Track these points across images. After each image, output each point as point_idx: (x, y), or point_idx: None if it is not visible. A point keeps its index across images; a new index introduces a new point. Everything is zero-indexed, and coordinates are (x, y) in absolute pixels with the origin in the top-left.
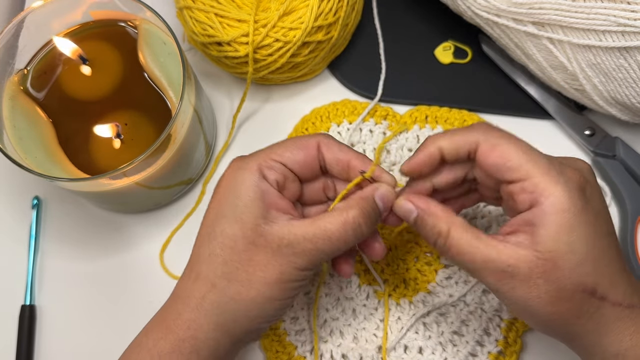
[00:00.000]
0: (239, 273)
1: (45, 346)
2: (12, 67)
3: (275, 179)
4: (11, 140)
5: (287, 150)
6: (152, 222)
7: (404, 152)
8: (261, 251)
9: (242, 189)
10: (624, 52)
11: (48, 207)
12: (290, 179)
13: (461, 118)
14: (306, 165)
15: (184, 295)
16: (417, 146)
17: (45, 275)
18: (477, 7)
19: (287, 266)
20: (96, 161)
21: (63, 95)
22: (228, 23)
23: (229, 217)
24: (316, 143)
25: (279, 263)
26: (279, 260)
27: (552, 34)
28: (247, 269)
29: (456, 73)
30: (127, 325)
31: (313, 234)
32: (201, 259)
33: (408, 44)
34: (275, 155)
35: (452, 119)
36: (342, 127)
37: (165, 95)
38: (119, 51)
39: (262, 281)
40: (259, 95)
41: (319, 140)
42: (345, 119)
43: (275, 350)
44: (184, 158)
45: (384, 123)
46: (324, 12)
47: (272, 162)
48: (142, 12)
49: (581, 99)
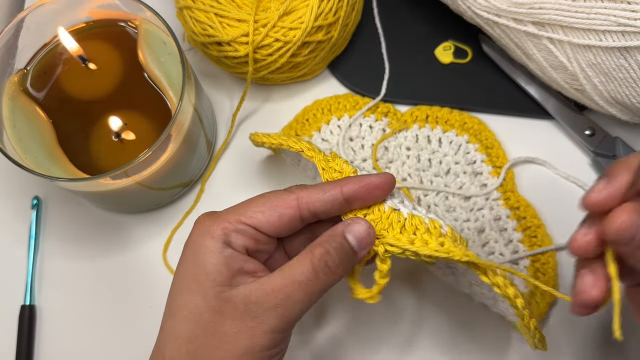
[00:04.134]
0: (205, 350)
1: (45, 346)
2: (12, 67)
3: (243, 245)
4: (11, 140)
5: (258, 212)
6: (152, 222)
7: (402, 150)
8: (228, 319)
9: (205, 258)
10: (624, 52)
11: (48, 207)
12: (262, 242)
13: (461, 120)
14: (282, 226)
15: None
16: (415, 145)
17: (45, 276)
18: (477, 7)
19: (259, 330)
20: (96, 161)
21: (63, 95)
22: (228, 23)
23: (192, 288)
24: (295, 200)
25: (249, 327)
26: (248, 323)
27: (552, 33)
28: (213, 343)
29: (456, 73)
30: (127, 326)
31: (281, 283)
32: (166, 337)
33: (408, 43)
34: (245, 218)
35: (452, 120)
36: (342, 120)
37: (165, 95)
38: (119, 51)
39: (231, 355)
40: (259, 95)
41: (297, 195)
42: (347, 113)
43: None
44: (185, 157)
45: (384, 120)
46: (324, 12)
47: (240, 226)
48: (142, 12)
49: (581, 98)
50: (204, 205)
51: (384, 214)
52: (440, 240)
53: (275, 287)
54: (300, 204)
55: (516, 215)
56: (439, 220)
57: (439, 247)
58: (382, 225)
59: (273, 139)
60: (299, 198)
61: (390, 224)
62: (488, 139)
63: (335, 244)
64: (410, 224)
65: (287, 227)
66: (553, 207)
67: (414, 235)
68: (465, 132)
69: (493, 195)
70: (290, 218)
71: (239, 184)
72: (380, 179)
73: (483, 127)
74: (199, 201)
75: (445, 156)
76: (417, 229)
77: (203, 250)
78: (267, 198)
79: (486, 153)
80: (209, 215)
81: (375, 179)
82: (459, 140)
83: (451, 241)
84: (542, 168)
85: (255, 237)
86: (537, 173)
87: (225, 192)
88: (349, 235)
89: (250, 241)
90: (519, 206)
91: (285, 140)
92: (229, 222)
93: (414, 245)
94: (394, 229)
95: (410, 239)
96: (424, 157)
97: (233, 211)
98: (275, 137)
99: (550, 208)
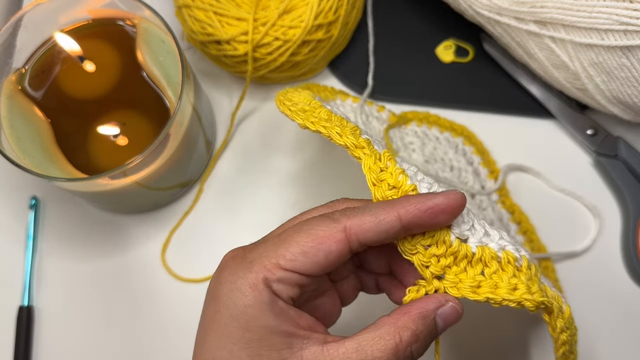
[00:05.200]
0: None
1: (43, 348)
2: (10, 66)
3: (289, 296)
4: (9, 139)
5: (300, 254)
6: (151, 223)
7: (406, 141)
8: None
9: (250, 317)
10: (626, 51)
11: (46, 207)
12: (307, 286)
13: (450, 126)
14: (329, 265)
15: None
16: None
17: (43, 276)
18: (479, 6)
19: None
20: (94, 161)
21: (61, 94)
22: (227, 22)
23: (244, 356)
24: (342, 232)
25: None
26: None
27: (554, 32)
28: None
29: (457, 72)
30: (126, 327)
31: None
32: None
33: (409, 42)
34: (285, 262)
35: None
36: (346, 102)
37: (164, 95)
38: (118, 50)
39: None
40: (259, 94)
41: (344, 226)
42: (350, 98)
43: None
44: (184, 157)
45: (386, 111)
46: (324, 10)
47: (282, 274)
48: (141, 11)
49: (583, 98)
50: (203, 205)
51: (449, 249)
52: (514, 283)
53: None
54: (349, 236)
55: (514, 218)
56: (513, 253)
57: (509, 293)
58: (444, 262)
59: (310, 118)
60: (346, 229)
61: (454, 259)
62: (477, 145)
63: (427, 328)
64: (479, 260)
65: (335, 264)
66: (544, 214)
67: (482, 275)
68: (459, 135)
69: (493, 196)
70: (338, 255)
71: (239, 184)
72: (449, 199)
73: (472, 134)
74: (198, 201)
75: (446, 153)
76: (487, 266)
77: (243, 305)
78: (309, 233)
79: (481, 157)
80: (239, 259)
81: (442, 200)
82: (455, 141)
83: (525, 280)
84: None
85: (300, 284)
86: (530, 179)
87: (225, 193)
88: (439, 319)
89: (295, 290)
90: (513, 211)
91: (326, 125)
92: (268, 270)
93: (479, 292)
94: (458, 265)
95: (475, 282)
96: (427, 151)
97: (267, 252)
98: (312, 116)
99: (539, 214)
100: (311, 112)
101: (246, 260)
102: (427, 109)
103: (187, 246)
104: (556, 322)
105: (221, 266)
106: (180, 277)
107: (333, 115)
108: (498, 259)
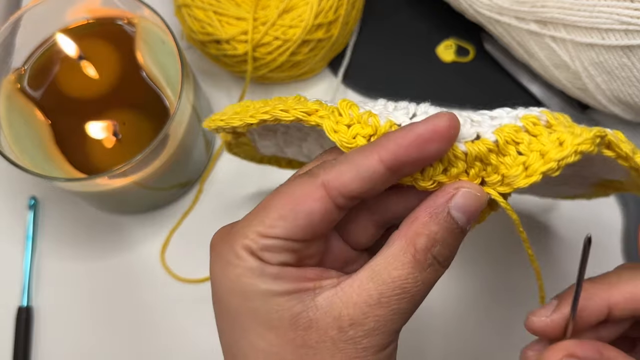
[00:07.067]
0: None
1: (42, 349)
2: (9, 65)
3: (281, 262)
4: (8, 139)
5: (279, 218)
6: (150, 223)
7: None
8: (320, 351)
9: (246, 286)
10: (627, 50)
11: (45, 208)
12: (302, 250)
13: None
14: (316, 227)
15: None
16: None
17: (43, 277)
18: (479, 6)
19: (365, 359)
20: (94, 161)
21: (60, 94)
22: (227, 21)
23: (254, 327)
24: (321, 188)
25: (350, 357)
26: (349, 353)
27: (555, 32)
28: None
29: (458, 72)
30: (126, 327)
31: (379, 294)
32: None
33: (409, 42)
34: (265, 229)
35: None
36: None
37: (164, 94)
38: (117, 50)
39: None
40: (258, 94)
41: (322, 181)
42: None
43: None
44: (183, 157)
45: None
46: (324, 9)
47: (265, 241)
48: (140, 10)
49: (584, 98)
50: (202, 205)
51: (468, 158)
52: (555, 139)
53: (371, 298)
54: (330, 191)
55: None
56: (532, 113)
57: (560, 150)
58: (475, 171)
59: (247, 113)
60: (325, 184)
61: (481, 161)
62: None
63: (442, 227)
64: (506, 143)
65: (324, 225)
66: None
67: (520, 155)
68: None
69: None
70: (322, 214)
71: (239, 184)
72: (433, 125)
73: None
74: (197, 201)
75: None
76: (518, 143)
77: (235, 276)
78: (285, 195)
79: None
80: (225, 235)
81: (424, 128)
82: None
83: (564, 129)
84: None
85: (289, 249)
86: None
87: (225, 192)
88: (455, 211)
89: (286, 255)
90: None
91: (267, 110)
92: (249, 239)
93: (530, 171)
94: (490, 164)
95: (519, 165)
96: None
97: (249, 222)
98: (247, 112)
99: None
100: (244, 110)
101: (230, 234)
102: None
103: (187, 246)
104: (622, 148)
105: (210, 247)
106: (179, 277)
107: (269, 100)
108: (523, 129)
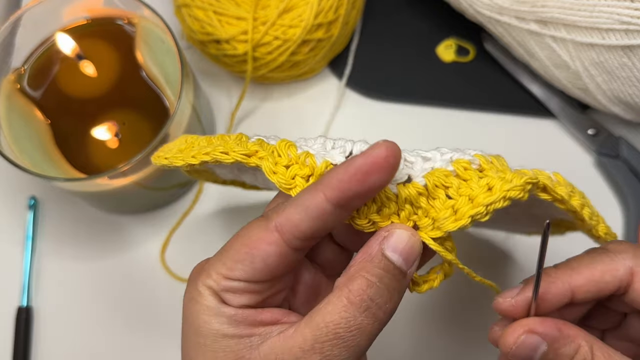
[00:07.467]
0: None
1: (42, 349)
2: (9, 65)
3: (242, 304)
4: (7, 139)
5: (238, 261)
6: (150, 223)
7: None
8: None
9: (202, 323)
10: (627, 50)
11: (45, 208)
12: (264, 290)
13: None
14: (274, 270)
15: None
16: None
17: (42, 277)
18: (480, 5)
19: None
20: (93, 161)
21: (60, 94)
22: (227, 21)
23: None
24: (274, 232)
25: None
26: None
27: (555, 32)
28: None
29: (458, 71)
30: (126, 327)
31: (313, 339)
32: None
33: (409, 42)
34: (225, 270)
35: None
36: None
37: (164, 94)
38: (117, 49)
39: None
40: (258, 94)
41: (275, 224)
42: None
43: None
44: None
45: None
46: (324, 9)
47: (226, 283)
48: (140, 10)
49: (584, 98)
50: (202, 205)
51: (400, 200)
52: (485, 184)
53: (305, 343)
54: (284, 235)
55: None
56: (463, 157)
57: (488, 195)
58: (405, 213)
59: (189, 154)
60: (278, 228)
61: (411, 205)
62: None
63: (376, 270)
64: (435, 187)
65: (282, 267)
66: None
67: (449, 199)
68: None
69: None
70: (277, 257)
71: None
72: (371, 157)
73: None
74: (197, 202)
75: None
76: (447, 187)
77: (196, 314)
78: (242, 238)
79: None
80: (198, 270)
81: (362, 161)
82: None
83: (494, 174)
84: None
85: (250, 290)
86: None
87: (224, 192)
88: (390, 252)
89: (247, 297)
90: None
91: (208, 151)
92: (212, 280)
93: (459, 216)
94: (420, 207)
95: (448, 209)
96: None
97: (215, 262)
98: (190, 152)
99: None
100: (189, 148)
101: (201, 271)
102: (427, 108)
103: (187, 246)
104: (557, 192)
105: (189, 278)
106: (179, 277)
107: (213, 138)
108: (453, 174)
